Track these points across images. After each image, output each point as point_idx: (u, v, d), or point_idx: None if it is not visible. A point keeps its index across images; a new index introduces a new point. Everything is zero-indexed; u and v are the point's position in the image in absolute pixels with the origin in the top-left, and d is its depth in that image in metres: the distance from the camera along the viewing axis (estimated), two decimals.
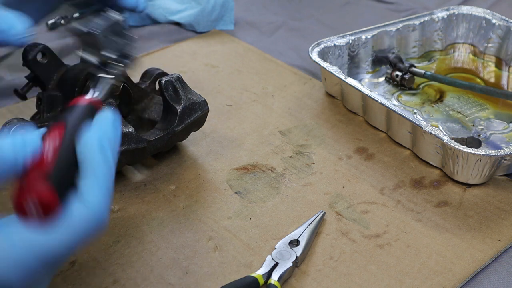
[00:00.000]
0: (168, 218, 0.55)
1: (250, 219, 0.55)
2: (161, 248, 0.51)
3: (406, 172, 0.60)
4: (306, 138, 0.65)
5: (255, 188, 0.58)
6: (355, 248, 0.52)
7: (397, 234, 0.53)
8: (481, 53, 0.78)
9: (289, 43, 0.85)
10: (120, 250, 0.51)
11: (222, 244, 0.52)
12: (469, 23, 0.78)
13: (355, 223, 0.54)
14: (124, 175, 0.59)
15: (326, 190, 0.58)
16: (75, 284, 0.48)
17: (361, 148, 0.64)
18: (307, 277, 0.49)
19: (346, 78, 0.65)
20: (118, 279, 0.49)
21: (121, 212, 0.55)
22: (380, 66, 0.76)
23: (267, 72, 0.77)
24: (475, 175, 0.57)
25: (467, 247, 0.52)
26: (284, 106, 0.71)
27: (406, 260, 0.51)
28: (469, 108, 0.70)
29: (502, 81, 0.75)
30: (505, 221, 0.55)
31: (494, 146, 0.63)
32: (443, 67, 0.78)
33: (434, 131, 0.57)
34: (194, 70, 0.77)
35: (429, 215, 0.55)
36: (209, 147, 0.64)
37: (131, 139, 0.55)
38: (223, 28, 0.87)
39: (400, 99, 0.72)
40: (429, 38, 0.79)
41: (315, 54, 0.69)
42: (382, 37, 0.75)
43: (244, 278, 0.48)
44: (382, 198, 0.57)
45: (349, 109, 0.69)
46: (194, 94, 0.60)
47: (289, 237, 0.51)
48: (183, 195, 0.57)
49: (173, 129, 0.58)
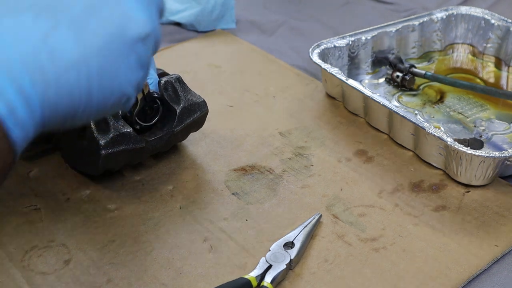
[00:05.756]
0: (165, 218, 0.55)
1: (246, 220, 0.55)
2: (156, 248, 0.51)
3: (405, 175, 0.60)
4: (306, 140, 0.65)
5: (253, 190, 0.58)
6: (350, 251, 0.51)
7: (393, 238, 0.53)
8: (480, 53, 0.77)
9: (290, 43, 0.85)
10: (115, 250, 0.51)
11: (217, 245, 0.52)
12: (468, 23, 0.78)
13: (352, 226, 0.54)
14: (122, 174, 0.59)
15: (324, 193, 0.58)
16: (69, 282, 0.48)
17: (361, 151, 0.63)
18: (301, 280, 0.49)
19: (347, 79, 0.65)
20: (112, 279, 0.49)
21: (117, 211, 0.55)
22: (380, 67, 0.76)
23: (270, 73, 0.77)
24: (479, 176, 0.57)
25: (463, 252, 0.51)
26: (285, 107, 0.70)
27: (402, 265, 0.50)
28: (470, 109, 0.69)
29: (501, 81, 0.75)
30: (503, 226, 0.54)
31: (496, 147, 0.63)
32: (442, 67, 0.77)
33: (437, 132, 0.57)
34: (196, 70, 0.77)
35: (427, 219, 0.55)
36: (209, 148, 0.64)
37: (130, 139, 0.55)
38: (225, 27, 0.87)
39: (401, 100, 0.71)
40: (428, 39, 0.78)
41: (316, 56, 0.69)
42: (382, 37, 0.75)
43: (237, 280, 0.48)
44: (379, 201, 0.57)
45: (350, 111, 0.69)
46: (194, 95, 0.60)
47: (284, 239, 0.51)
48: (180, 196, 0.57)
49: (172, 129, 0.58)
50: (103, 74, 0.35)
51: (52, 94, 0.34)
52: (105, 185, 0.58)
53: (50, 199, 0.56)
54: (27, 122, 0.33)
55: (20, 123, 0.33)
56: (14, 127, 0.32)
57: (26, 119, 0.33)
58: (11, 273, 0.49)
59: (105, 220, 0.54)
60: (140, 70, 0.38)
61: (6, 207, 0.55)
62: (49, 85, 0.33)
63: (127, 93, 0.38)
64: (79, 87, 0.34)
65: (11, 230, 0.53)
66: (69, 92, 0.34)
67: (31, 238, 0.52)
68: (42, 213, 0.55)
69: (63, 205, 0.56)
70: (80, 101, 0.35)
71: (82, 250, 0.51)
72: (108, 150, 0.54)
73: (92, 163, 0.55)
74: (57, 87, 0.34)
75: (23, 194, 0.57)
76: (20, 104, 0.32)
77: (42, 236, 0.52)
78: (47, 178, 0.59)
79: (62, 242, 0.52)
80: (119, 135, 0.54)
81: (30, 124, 0.33)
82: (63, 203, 0.56)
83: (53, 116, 0.34)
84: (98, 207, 0.56)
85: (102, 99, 0.36)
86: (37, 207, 0.55)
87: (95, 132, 0.53)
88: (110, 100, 0.37)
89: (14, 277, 0.49)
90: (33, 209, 0.55)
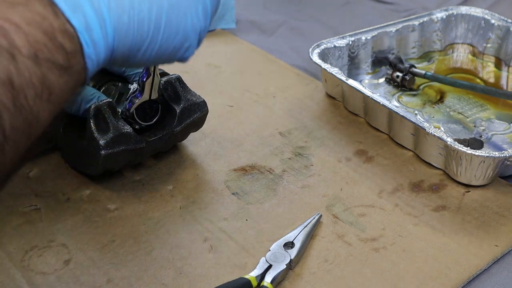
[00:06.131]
0: (165, 218, 0.55)
1: (246, 220, 0.55)
2: (156, 248, 0.51)
3: (405, 175, 0.60)
4: (306, 140, 0.65)
5: (253, 190, 0.58)
6: (350, 251, 0.51)
7: (393, 238, 0.53)
8: (480, 53, 0.77)
9: (290, 43, 0.85)
10: (115, 250, 0.51)
11: (217, 245, 0.52)
12: (468, 23, 0.78)
13: (352, 226, 0.54)
14: (122, 174, 0.59)
15: (324, 193, 0.58)
16: (69, 283, 0.48)
17: (361, 151, 0.63)
18: (301, 280, 0.49)
19: (347, 79, 0.65)
20: (112, 279, 0.49)
21: (118, 211, 0.55)
22: (380, 67, 0.76)
23: (270, 73, 0.77)
24: (478, 176, 0.57)
25: (463, 252, 0.51)
26: (285, 107, 0.70)
27: (402, 265, 0.50)
28: (470, 109, 0.69)
29: (501, 81, 0.75)
30: (503, 226, 0.54)
31: (496, 147, 0.63)
32: (442, 67, 0.78)
33: (437, 132, 0.57)
34: (196, 70, 0.77)
35: (427, 219, 0.55)
36: (208, 148, 0.64)
37: (130, 139, 0.55)
38: (225, 27, 0.87)
39: (401, 100, 0.71)
40: (428, 39, 0.78)
41: (316, 56, 0.69)
42: (382, 37, 0.75)
43: (237, 280, 0.48)
44: (379, 201, 0.57)
45: (350, 111, 0.69)
46: (194, 95, 0.60)
47: (284, 239, 0.51)
48: (180, 196, 0.57)
49: (172, 129, 0.58)
50: (173, 11, 0.38)
51: (124, 22, 0.36)
52: (105, 185, 0.58)
53: (50, 199, 0.56)
54: (100, 44, 0.35)
55: (95, 42, 0.34)
56: (89, 45, 0.34)
57: (100, 41, 0.35)
58: (11, 273, 0.49)
59: (105, 220, 0.54)
60: (203, 19, 0.40)
61: (6, 207, 0.55)
62: (124, 12, 0.35)
63: (189, 39, 0.39)
64: (149, 19, 0.37)
65: (11, 230, 0.53)
66: (140, 23, 0.36)
67: (31, 238, 0.52)
68: (42, 213, 0.55)
69: (63, 205, 0.56)
70: (148, 34, 0.37)
71: (82, 250, 0.51)
72: (108, 150, 0.53)
73: (92, 163, 0.55)
74: (130, 16, 0.36)
75: (23, 194, 0.57)
76: (96, 25, 0.34)
77: (42, 236, 0.52)
78: (47, 178, 0.59)
79: (62, 242, 0.52)
80: (119, 135, 0.54)
81: (102, 46, 0.35)
82: (63, 203, 0.56)
83: (121, 46, 0.36)
84: (98, 207, 0.56)
85: (166, 37, 0.38)
86: (37, 207, 0.55)
87: (95, 132, 0.53)
88: (174, 41, 0.38)
89: (14, 277, 0.49)
90: (33, 209, 0.55)
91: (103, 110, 0.54)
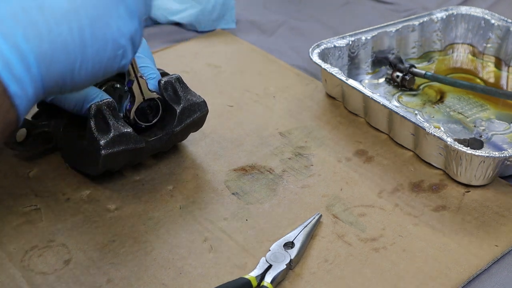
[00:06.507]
0: (165, 218, 0.55)
1: (246, 220, 0.55)
2: (156, 248, 0.51)
3: (405, 175, 0.60)
4: (305, 140, 0.65)
5: (253, 190, 0.58)
6: (350, 251, 0.51)
7: (393, 238, 0.53)
8: (480, 53, 0.77)
9: (290, 43, 0.85)
10: (115, 250, 0.51)
11: (217, 245, 0.52)
12: (468, 23, 0.78)
13: (352, 226, 0.54)
14: (122, 174, 0.59)
15: (324, 193, 0.58)
16: (69, 283, 0.48)
17: (361, 151, 0.63)
18: (301, 280, 0.49)
19: (347, 79, 0.65)
20: (112, 279, 0.49)
21: (118, 211, 0.55)
22: (380, 67, 0.76)
23: (270, 73, 0.77)
24: (478, 176, 0.57)
25: (463, 252, 0.51)
26: (285, 107, 0.70)
27: (402, 265, 0.50)
28: (470, 109, 0.69)
29: (501, 81, 0.75)
30: (503, 226, 0.54)
31: (496, 147, 0.63)
32: (442, 67, 0.78)
33: (437, 132, 0.57)
34: (196, 70, 0.77)
35: (427, 219, 0.55)
36: (208, 148, 0.64)
37: (129, 139, 0.55)
38: (225, 27, 0.87)
39: (401, 100, 0.71)
40: (428, 39, 0.78)
41: (316, 56, 0.69)
42: (382, 37, 0.75)
43: (237, 280, 0.48)
44: (379, 201, 0.57)
45: (350, 111, 0.69)
46: (194, 95, 0.60)
47: (284, 239, 0.51)
48: (180, 196, 0.57)
49: (172, 129, 0.58)
50: (95, 24, 0.36)
51: (46, 48, 0.34)
52: (105, 185, 0.58)
53: (50, 199, 0.56)
54: (24, 78, 0.33)
55: (17, 78, 0.33)
56: (11, 83, 0.32)
57: (23, 75, 0.33)
58: (11, 273, 0.49)
59: (105, 220, 0.54)
60: (130, 20, 0.38)
61: (6, 207, 0.55)
62: (43, 39, 0.34)
63: (121, 44, 0.38)
64: (72, 39, 0.35)
65: (11, 230, 0.53)
66: (63, 45, 0.34)
67: (31, 238, 0.52)
68: (42, 213, 0.55)
69: (63, 205, 0.56)
70: (76, 55, 0.35)
71: (82, 250, 0.51)
72: (108, 150, 0.53)
73: (92, 163, 0.55)
74: (50, 41, 0.34)
75: (23, 194, 0.57)
76: (15, 60, 0.33)
77: (42, 236, 0.52)
78: (47, 178, 0.59)
79: (62, 242, 0.52)
80: (119, 135, 0.54)
81: (28, 80, 0.33)
82: (63, 203, 0.56)
83: (51, 74, 0.35)
84: (98, 207, 0.56)
85: (97, 52, 0.36)
86: (37, 207, 0.55)
87: (95, 132, 0.53)
88: (106, 53, 0.37)
89: (14, 277, 0.49)
90: (33, 209, 0.55)
91: (103, 110, 0.54)
